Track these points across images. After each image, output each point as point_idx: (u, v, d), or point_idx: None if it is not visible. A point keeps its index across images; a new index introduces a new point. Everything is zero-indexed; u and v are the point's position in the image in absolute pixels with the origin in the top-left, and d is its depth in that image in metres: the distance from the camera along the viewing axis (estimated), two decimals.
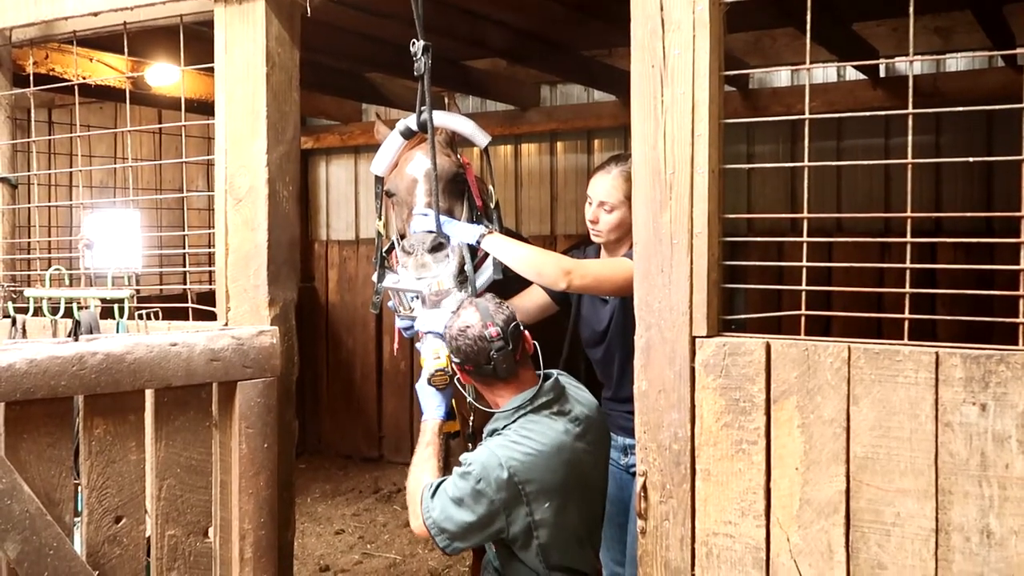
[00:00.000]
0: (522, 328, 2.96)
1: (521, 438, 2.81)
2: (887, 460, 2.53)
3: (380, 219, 3.71)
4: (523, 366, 2.94)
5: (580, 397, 3.05)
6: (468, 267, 3.41)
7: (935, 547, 2.49)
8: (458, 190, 3.64)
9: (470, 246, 3.43)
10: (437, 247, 3.35)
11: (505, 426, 2.88)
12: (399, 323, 3.55)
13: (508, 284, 3.49)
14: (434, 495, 2.82)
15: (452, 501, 2.77)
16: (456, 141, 3.81)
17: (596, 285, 3.39)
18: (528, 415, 2.87)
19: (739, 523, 2.72)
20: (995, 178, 6.30)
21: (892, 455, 2.52)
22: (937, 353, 2.47)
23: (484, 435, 2.96)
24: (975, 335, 2.95)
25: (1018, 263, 2.51)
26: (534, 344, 3.00)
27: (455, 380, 3.12)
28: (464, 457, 2.83)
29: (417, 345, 3.42)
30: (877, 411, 2.54)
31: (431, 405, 3.12)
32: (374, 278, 3.69)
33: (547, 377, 2.97)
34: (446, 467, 3.09)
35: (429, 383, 3.10)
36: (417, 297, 3.39)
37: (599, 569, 3.84)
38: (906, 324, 2.61)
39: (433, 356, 3.09)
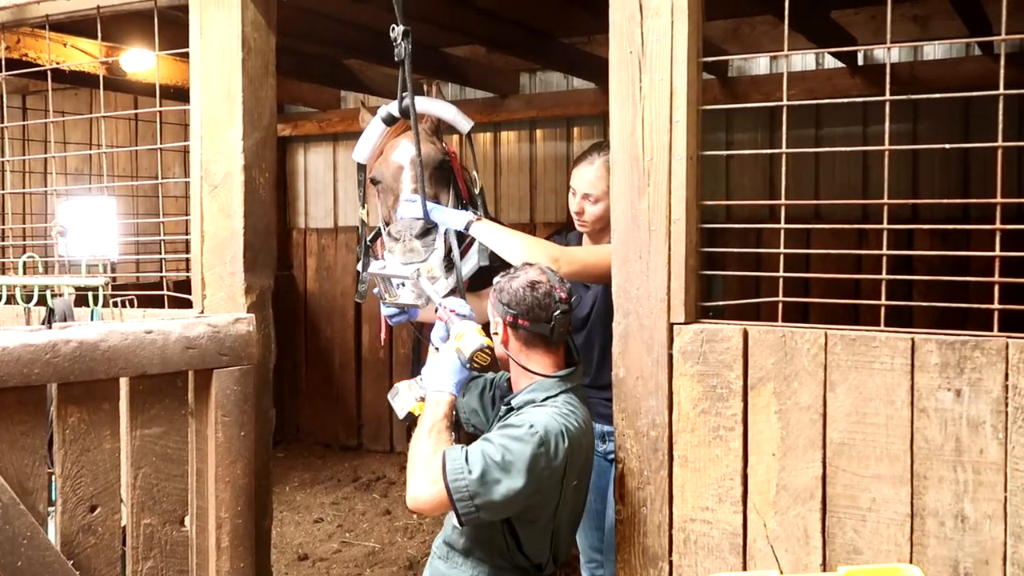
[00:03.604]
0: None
1: (569, 412, 2.72)
2: (863, 446, 2.55)
3: (363, 207, 3.69)
4: (562, 341, 2.89)
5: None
6: (455, 253, 3.39)
7: (910, 532, 2.51)
8: (444, 177, 3.61)
9: (456, 232, 3.41)
10: (425, 233, 3.33)
11: (545, 398, 2.77)
12: (384, 311, 3.52)
13: (494, 271, 3.47)
14: (467, 459, 2.59)
15: (498, 466, 2.55)
16: (441, 129, 3.78)
17: (584, 272, 3.38)
18: (569, 392, 2.80)
19: (716, 509, 2.73)
20: (971, 165, 6.34)
21: (868, 441, 2.54)
22: (913, 339, 2.49)
23: (506, 407, 2.87)
24: (951, 321, 2.97)
25: (993, 249, 2.52)
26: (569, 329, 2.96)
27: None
28: (519, 420, 2.67)
29: (436, 331, 3.25)
30: (853, 397, 2.55)
31: (451, 381, 2.87)
32: (359, 267, 3.65)
33: (573, 361, 2.93)
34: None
35: (470, 359, 2.87)
36: (404, 284, 3.36)
37: (576, 554, 3.86)
38: (882, 310, 2.62)
39: (478, 332, 2.90)
